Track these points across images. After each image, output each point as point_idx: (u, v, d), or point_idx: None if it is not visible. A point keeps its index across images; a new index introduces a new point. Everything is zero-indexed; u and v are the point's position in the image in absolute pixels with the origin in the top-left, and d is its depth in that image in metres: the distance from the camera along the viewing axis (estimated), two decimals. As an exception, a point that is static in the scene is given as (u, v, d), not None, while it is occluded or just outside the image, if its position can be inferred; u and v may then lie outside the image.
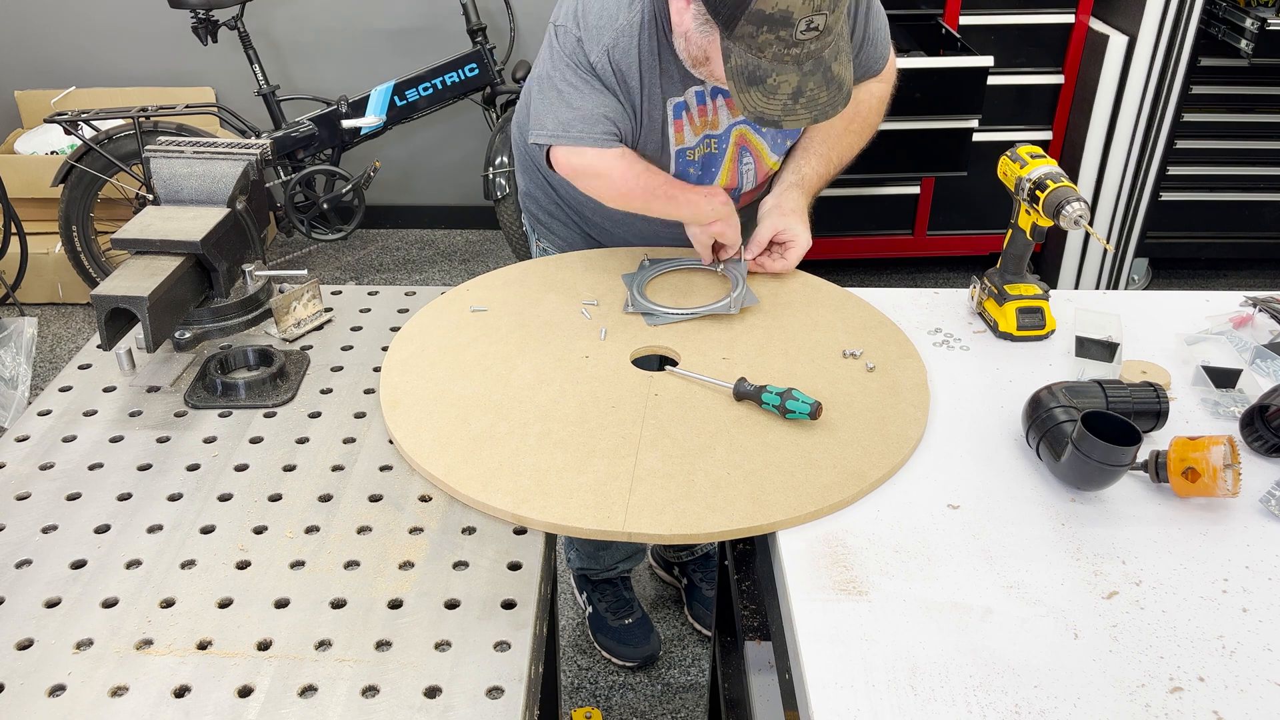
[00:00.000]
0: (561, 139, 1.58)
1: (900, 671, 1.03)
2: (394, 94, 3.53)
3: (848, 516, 1.23)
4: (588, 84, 1.56)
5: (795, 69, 1.36)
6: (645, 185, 1.61)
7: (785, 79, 1.36)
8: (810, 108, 1.39)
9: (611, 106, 1.57)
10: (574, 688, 2.28)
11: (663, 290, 1.67)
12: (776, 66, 1.36)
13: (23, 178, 3.53)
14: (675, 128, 1.64)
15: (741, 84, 1.38)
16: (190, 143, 1.64)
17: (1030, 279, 1.62)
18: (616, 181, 1.61)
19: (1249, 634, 1.07)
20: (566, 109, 1.57)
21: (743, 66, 1.37)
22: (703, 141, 1.68)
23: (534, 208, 1.93)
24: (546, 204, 1.89)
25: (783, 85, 1.37)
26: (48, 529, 1.22)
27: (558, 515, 1.20)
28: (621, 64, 1.55)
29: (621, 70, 1.55)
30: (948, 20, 3.30)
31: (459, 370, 1.46)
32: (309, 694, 1.01)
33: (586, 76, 1.56)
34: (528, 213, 1.96)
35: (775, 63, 1.35)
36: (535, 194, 1.90)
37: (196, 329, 1.54)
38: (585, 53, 1.55)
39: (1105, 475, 1.22)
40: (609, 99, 1.57)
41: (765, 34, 1.33)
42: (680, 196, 1.63)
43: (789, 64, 1.36)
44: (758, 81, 1.37)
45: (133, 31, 3.80)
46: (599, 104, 1.57)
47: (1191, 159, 3.52)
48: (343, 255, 4.09)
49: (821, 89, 1.39)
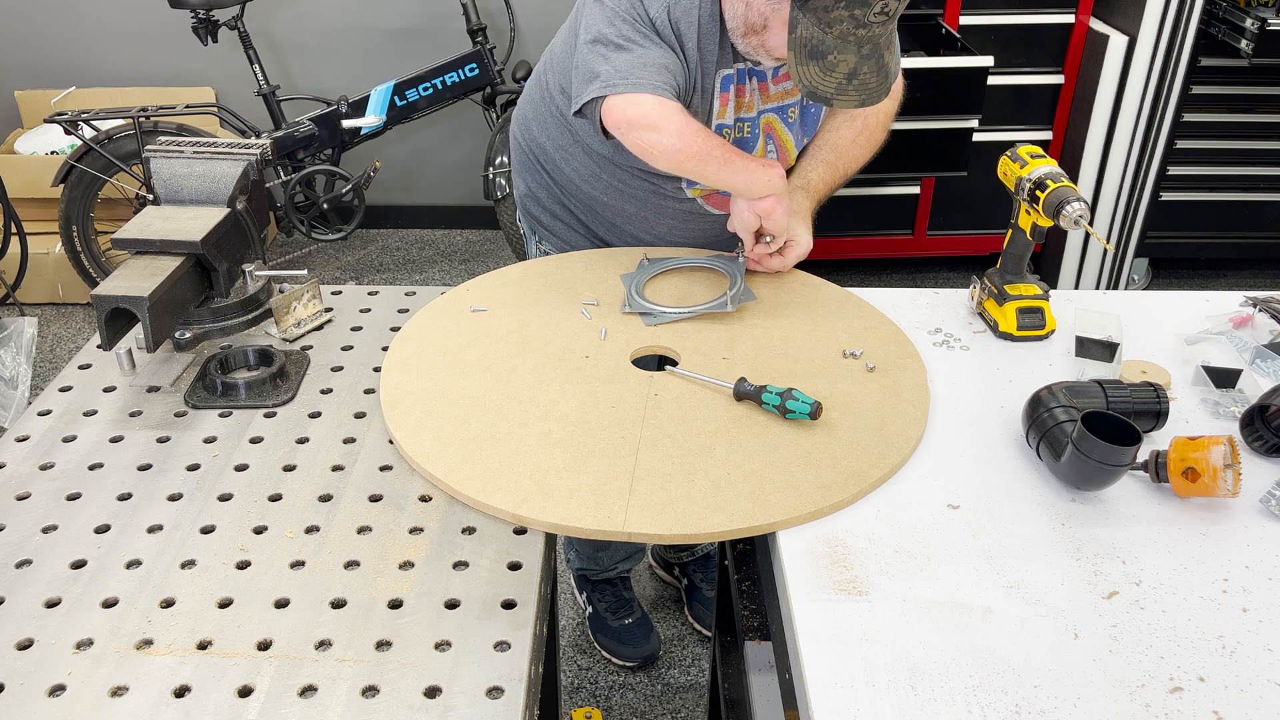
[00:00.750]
0: (618, 86, 1.48)
1: (900, 671, 1.03)
2: (394, 94, 3.53)
3: (848, 516, 1.23)
4: (646, 37, 1.51)
5: (855, 50, 1.39)
6: (703, 144, 1.51)
7: (844, 59, 1.39)
8: (861, 91, 1.42)
9: (672, 60, 1.52)
10: (574, 688, 2.28)
11: (661, 290, 1.67)
12: (839, 45, 1.39)
13: (23, 178, 3.53)
14: (720, 100, 1.61)
15: (803, 56, 1.40)
16: (190, 143, 1.64)
17: (1030, 279, 1.62)
18: (673, 135, 1.49)
19: (1249, 634, 1.07)
20: (625, 57, 1.49)
21: (807, 39, 1.39)
22: (736, 124, 1.66)
23: (535, 209, 1.89)
24: (550, 204, 1.86)
25: (841, 64, 1.40)
26: (48, 529, 1.22)
27: (558, 515, 1.20)
28: (681, 23, 1.52)
29: (680, 30, 1.52)
30: (948, 20, 3.30)
31: (459, 370, 1.46)
32: (309, 694, 1.01)
33: (645, 30, 1.51)
34: (527, 215, 1.92)
35: (840, 41, 1.38)
36: (538, 194, 1.87)
37: (196, 329, 1.54)
38: (645, 7, 1.51)
39: (1105, 475, 1.22)
40: (669, 52, 1.52)
41: (840, 9, 1.36)
42: (738, 162, 1.54)
43: (851, 44, 1.39)
44: (819, 56, 1.39)
45: (133, 31, 3.80)
46: (659, 55, 1.51)
47: (1191, 159, 3.52)
48: (343, 255, 4.09)
49: (873, 75, 1.42)
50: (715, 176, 1.55)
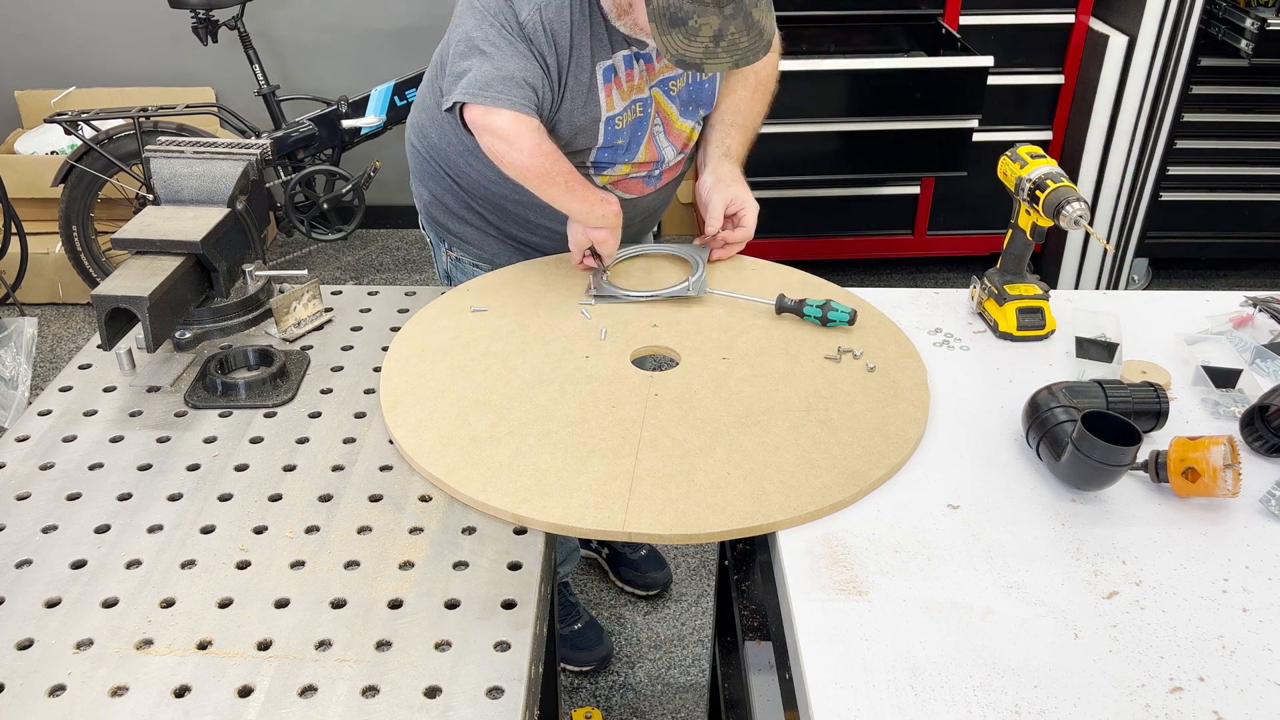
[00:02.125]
0: (479, 98, 1.53)
1: (900, 671, 1.03)
2: (394, 94, 3.52)
3: (848, 516, 1.23)
4: (512, 45, 1.54)
5: (716, 11, 1.38)
6: (548, 167, 1.57)
7: (707, 21, 1.38)
8: (731, 52, 1.41)
9: (534, 72, 1.55)
10: (574, 688, 2.28)
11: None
12: (698, 8, 1.38)
13: (23, 178, 3.53)
14: (605, 92, 1.63)
15: (664, 25, 1.40)
16: (190, 143, 1.64)
17: (1030, 279, 1.62)
18: (523, 152, 1.55)
19: (1249, 634, 1.07)
20: (488, 66, 1.53)
21: (664, 7, 1.39)
22: (629, 107, 1.67)
23: (442, 216, 1.88)
24: (457, 208, 1.85)
25: (704, 28, 1.39)
26: (48, 529, 1.22)
27: (558, 515, 1.20)
28: (554, 23, 1.53)
29: (553, 30, 1.54)
30: (948, 20, 3.30)
31: (459, 370, 1.46)
32: (309, 694, 1.01)
33: (511, 37, 1.53)
34: (434, 223, 1.91)
35: (696, 4, 1.37)
36: (443, 199, 1.86)
37: (196, 329, 1.54)
38: (515, 11, 1.53)
39: (1105, 475, 1.22)
40: (532, 64, 1.54)
41: None
42: (578, 190, 1.60)
43: (710, 6, 1.38)
44: (679, 23, 1.39)
45: (133, 31, 3.80)
46: (521, 68, 1.53)
47: (1191, 159, 3.52)
48: (343, 255, 4.09)
49: (742, 34, 1.41)
50: (556, 199, 1.62)
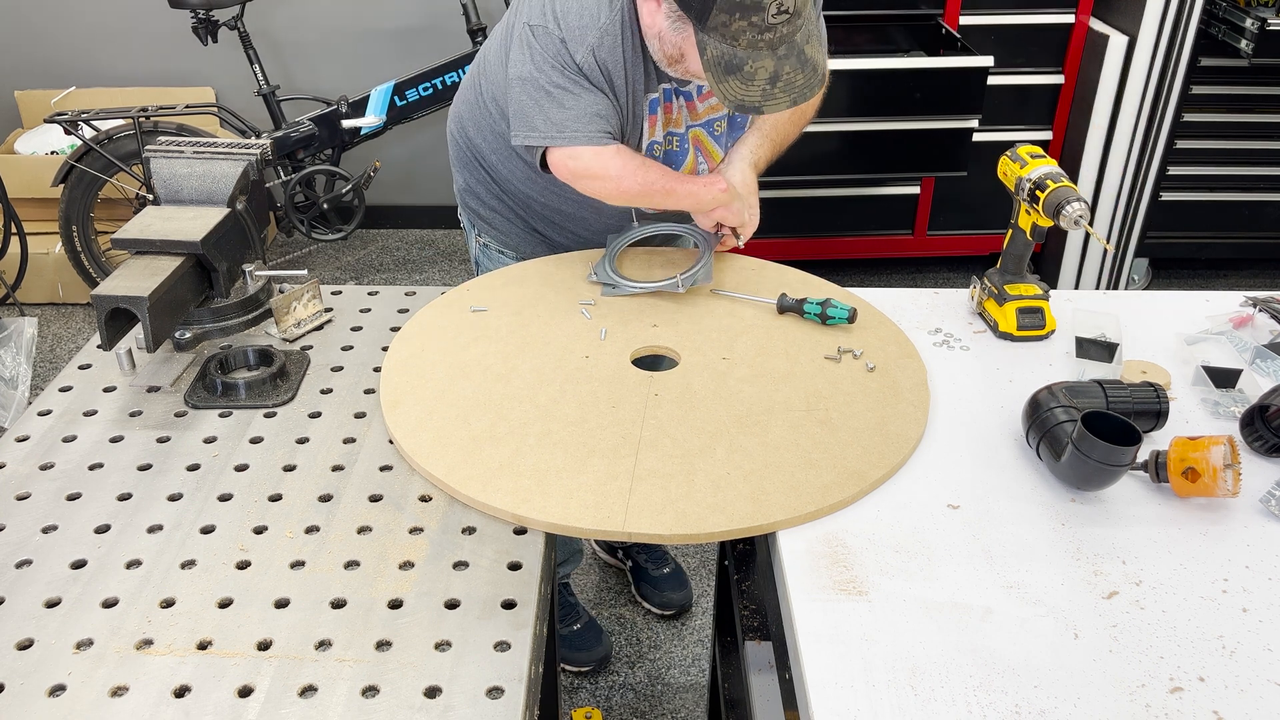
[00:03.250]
0: (556, 140, 1.58)
1: (900, 671, 1.03)
2: (394, 94, 3.52)
3: (848, 516, 1.23)
4: (576, 83, 1.56)
5: (770, 54, 1.39)
6: (643, 181, 1.61)
7: (761, 64, 1.39)
8: (788, 91, 1.42)
9: (603, 104, 1.58)
10: (574, 688, 2.28)
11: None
12: (751, 53, 1.39)
13: (23, 178, 3.53)
14: (650, 122, 1.67)
15: (719, 74, 1.40)
16: (190, 143, 1.64)
17: (1030, 279, 1.62)
18: (615, 180, 1.60)
19: (1249, 634, 1.07)
20: (558, 109, 1.57)
21: (719, 57, 1.39)
22: (666, 138, 1.70)
23: (474, 203, 1.92)
24: (488, 198, 1.89)
25: (759, 71, 1.40)
26: (48, 529, 1.22)
27: (558, 515, 1.20)
28: (608, 63, 1.55)
29: (608, 69, 1.56)
30: (948, 20, 3.30)
31: (459, 370, 1.46)
32: (309, 694, 1.01)
33: (574, 76, 1.56)
34: (467, 208, 1.95)
35: (750, 49, 1.38)
36: (476, 189, 1.90)
37: (196, 329, 1.54)
38: (570, 54, 1.55)
39: (1105, 475, 1.22)
40: (599, 97, 1.57)
41: (738, 21, 1.36)
42: (679, 189, 1.64)
43: (763, 49, 1.39)
44: (735, 70, 1.40)
45: (133, 31, 3.80)
46: (590, 103, 1.57)
47: (1191, 159, 3.52)
48: (343, 255, 4.09)
49: (797, 72, 1.42)
50: (663, 204, 1.66)
